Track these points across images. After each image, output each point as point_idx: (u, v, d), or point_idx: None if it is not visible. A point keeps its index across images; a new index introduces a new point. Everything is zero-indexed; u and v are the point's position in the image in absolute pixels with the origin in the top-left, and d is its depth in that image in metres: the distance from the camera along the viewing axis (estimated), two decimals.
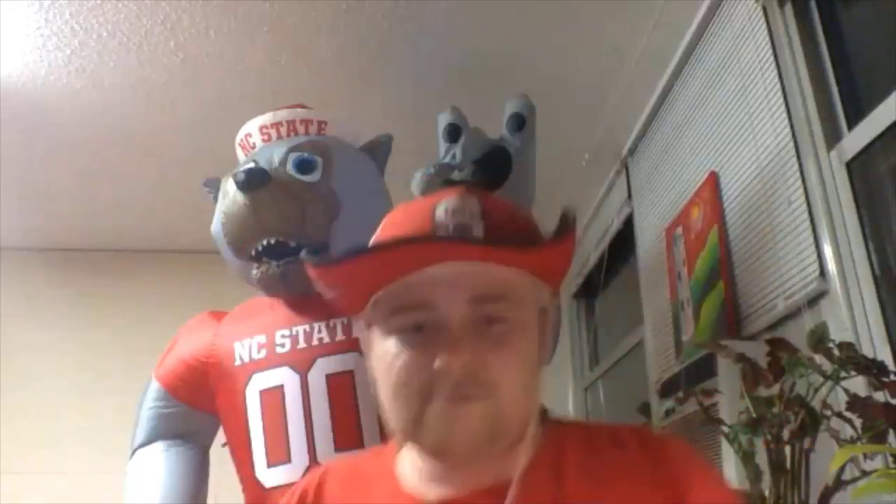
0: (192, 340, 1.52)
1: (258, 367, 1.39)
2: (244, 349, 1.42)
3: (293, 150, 1.44)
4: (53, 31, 1.89)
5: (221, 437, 1.51)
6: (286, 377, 1.36)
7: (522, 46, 1.99)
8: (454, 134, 1.59)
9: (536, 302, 0.72)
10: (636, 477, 0.69)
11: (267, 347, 1.40)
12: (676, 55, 1.97)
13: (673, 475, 0.69)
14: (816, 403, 1.07)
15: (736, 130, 1.69)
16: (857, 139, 1.34)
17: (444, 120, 1.62)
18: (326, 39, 1.95)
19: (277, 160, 1.42)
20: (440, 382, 0.65)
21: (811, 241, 1.38)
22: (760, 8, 1.58)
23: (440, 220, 0.69)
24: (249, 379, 1.39)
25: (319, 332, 1.37)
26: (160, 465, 1.47)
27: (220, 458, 1.53)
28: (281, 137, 1.50)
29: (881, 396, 1.02)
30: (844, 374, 1.06)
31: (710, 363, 1.49)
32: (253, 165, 1.42)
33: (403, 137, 1.65)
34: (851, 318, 1.27)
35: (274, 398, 1.35)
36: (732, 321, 1.61)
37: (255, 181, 1.35)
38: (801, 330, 1.27)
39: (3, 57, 1.97)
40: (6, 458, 2.80)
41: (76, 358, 3.03)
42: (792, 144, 1.45)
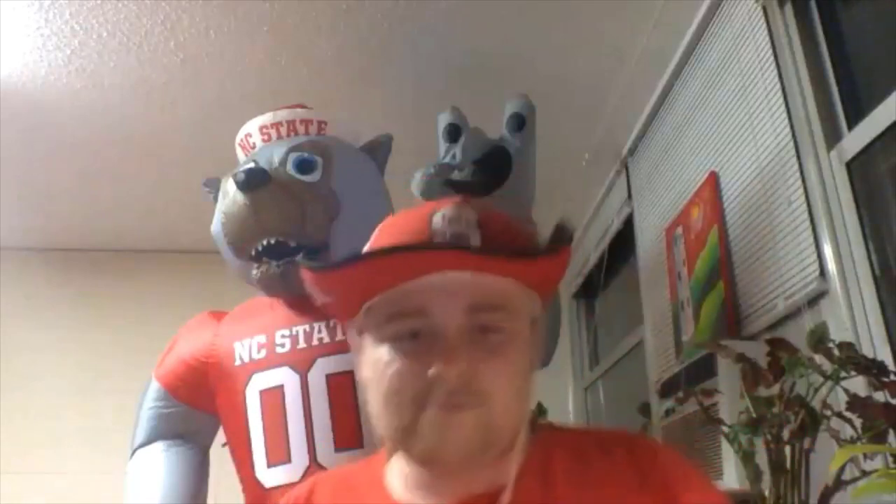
0: (192, 340, 1.52)
1: (258, 367, 1.39)
2: (244, 349, 1.42)
3: (293, 150, 1.43)
4: (53, 31, 1.89)
5: (221, 437, 1.51)
6: (286, 377, 1.35)
7: (522, 46, 1.99)
8: (454, 134, 1.59)
9: (529, 312, 0.72)
10: (625, 483, 0.69)
11: (267, 347, 1.40)
12: (676, 55, 1.97)
13: (662, 481, 0.70)
14: (816, 403, 1.07)
15: (736, 130, 1.69)
16: (857, 139, 1.34)
17: (444, 120, 1.62)
18: (326, 39, 1.95)
19: (277, 160, 1.42)
20: (435, 390, 0.65)
21: (811, 241, 1.38)
22: (760, 8, 1.58)
23: (437, 228, 0.69)
24: (249, 379, 1.39)
25: (319, 332, 1.37)
26: (160, 465, 1.47)
27: (220, 458, 1.53)
28: (281, 137, 1.50)
29: (881, 396, 1.02)
30: (844, 374, 1.06)
31: (710, 363, 1.49)
32: (253, 165, 1.42)
33: (403, 137, 1.65)
34: (851, 318, 1.27)
35: (274, 398, 1.35)
36: (732, 321, 1.61)
37: (255, 181, 1.35)
38: (801, 330, 1.27)
39: (3, 57, 1.97)
40: (6, 458, 2.80)
41: (76, 358, 3.02)
42: (792, 144, 1.45)
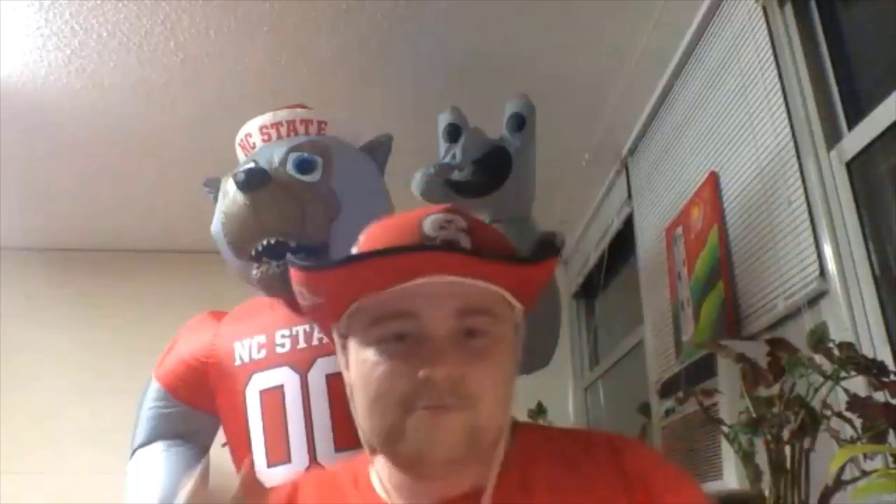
0: (192, 340, 1.52)
1: (258, 367, 1.39)
2: (244, 349, 1.42)
3: (293, 150, 1.43)
4: (53, 31, 1.89)
5: (221, 437, 1.51)
6: (286, 377, 1.36)
7: (522, 46, 1.98)
8: (454, 134, 1.59)
9: (512, 318, 0.73)
10: (608, 486, 0.70)
11: (267, 347, 1.40)
12: (676, 55, 1.97)
13: (645, 482, 0.70)
14: (816, 403, 1.07)
15: (736, 130, 1.69)
16: (857, 139, 1.34)
17: (444, 120, 1.62)
18: (326, 39, 1.95)
19: (277, 160, 1.42)
20: (422, 393, 0.65)
21: (811, 241, 1.38)
22: (760, 8, 1.58)
23: (428, 233, 0.69)
24: (249, 379, 1.39)
25: (319, 332, 1.37)
26: (160, 465, 1.47)
27: (220, 458, 1.53)
28: (281, 137, 1.50)
29: (881, 396, 1.02)
30: (844, 374, 1.06)
31: (710, 363, 1.49)
32: (253, 165, 1.42)
33: (403, 137, 1.65)
34: (851, 318, 1.27)
35: (274, 398, 1.35)
36: (732, 321, 1.61)
37: (255, 181, 1.35)
38: (801, 330, 1.27)
39: (3, 57, 1.97)
40: (6, 458, 2.79)
41: (76, 358, 3.02)
42: (792, 144, 1.45)
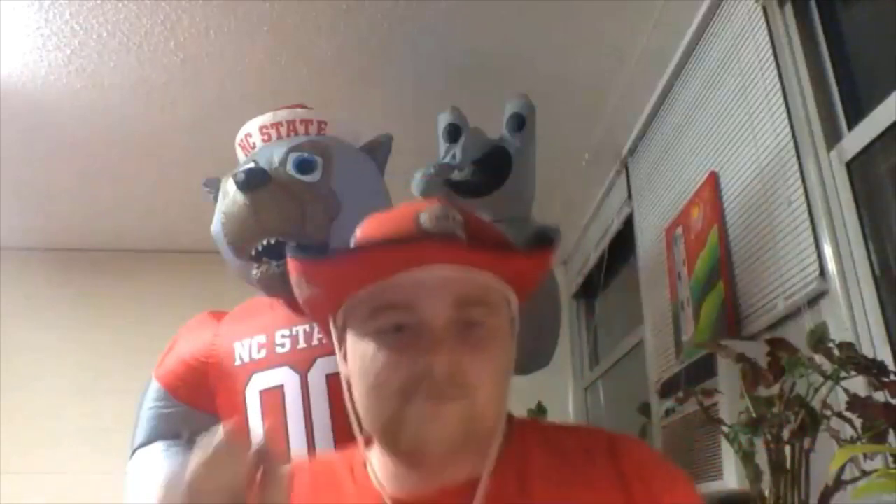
0: (192, 340, 1.52)
1: (258, 367, 1.39)
2: (244, 349, 1.42)
3: (293, 150, 1.43)
4: (53, 31, 1.89)
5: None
6: (286, 377, 1.35)
7: (522, 46, 1.98)
8: (454, 134, 1.59)
9: (508, 311, 0.73)
10: (605, 484, 0.70)
11: (267, 347, 1.40)
12: (676, 55, 1.97)
13: (643, 481, 0.70)
14: (816, 403, 1.07)
15: (736, 130, 1.69)
16: (857, 139, 1.34)
17: (444, 120, 1.62)
18: (326, 39, 1.95)
19: (277, 160, 1.42)
20: (421, 383, 0.65)
21: (811, 241, 1.38)
22: (760, 8, 1.58)
23: (424, 225, 0.69)
24: (249, 379, 1.39)
25: (319, 331, 1.36)
26: (160, 465, 1.47)
27: None
28: (281, 137, 1.50)
29: (881, 396, 1.02)
30: (844, 374, 1.06)
31: (710, 363, 1.49)
32: (253, 165, 1.42)
33: (403, 137, 1.65)
34: (851, 318, 1.27)
35: (274, 398, 1.35)
36: (732, 321, 1.61)
37: (255, 181, 1.35)
38: (801, 330, 1.27)
39: (3, 57, 1.97)
40: (6, 458, 2.80)
41: (76, 358, 3.02)
42: (792, 144, 1.45)
